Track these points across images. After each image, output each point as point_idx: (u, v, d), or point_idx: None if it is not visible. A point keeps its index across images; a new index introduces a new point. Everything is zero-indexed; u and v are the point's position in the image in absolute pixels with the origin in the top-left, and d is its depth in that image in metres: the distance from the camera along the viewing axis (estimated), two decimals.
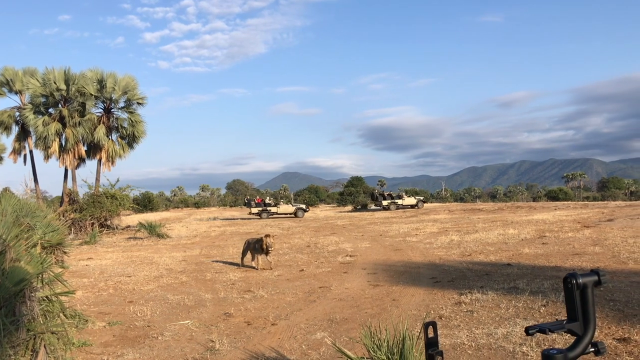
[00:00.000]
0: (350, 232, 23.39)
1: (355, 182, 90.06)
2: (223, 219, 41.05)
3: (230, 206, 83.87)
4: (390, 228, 24.38)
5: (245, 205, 47.46)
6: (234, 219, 41.81)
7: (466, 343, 5.99)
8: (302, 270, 12.34)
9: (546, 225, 21.12)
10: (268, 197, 48.35)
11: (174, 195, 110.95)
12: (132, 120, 31.03)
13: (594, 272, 1.35)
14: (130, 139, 31.47)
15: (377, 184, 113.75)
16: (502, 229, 20.02)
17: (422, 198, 50.89)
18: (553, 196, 67.26)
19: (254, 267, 12.96)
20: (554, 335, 6.00)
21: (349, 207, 53.07)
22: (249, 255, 13.41)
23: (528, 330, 1.35)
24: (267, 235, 12.99)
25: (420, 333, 4.79)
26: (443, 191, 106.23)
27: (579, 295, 1.33)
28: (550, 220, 23.40)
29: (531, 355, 5.38)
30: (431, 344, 1.39)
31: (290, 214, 42.55)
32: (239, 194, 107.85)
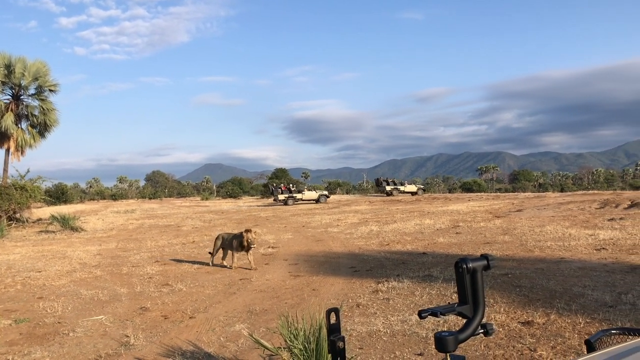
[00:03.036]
0: (273, 223, 23.40)
1: (280, 173, 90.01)
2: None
3: (150, 198, 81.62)
4: (313, 219, 24.61)
5: (270, 193, 48.83)
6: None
7: (382, 330, 6.17)
8: (223, 263, 12.22)
9: (460, 215, 22.05)
10: (292, 185, 49.53)
11: (90, 187, 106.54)
12: (43, 108, 29.39)
13: (484, 257, 1.43)
14: (42, 128, 29.84)
15: (301, 176, 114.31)
16: (419, 219, 20.70)
17: (422, 186, 53.43)
18: (467, 188, 70.23)
19: (225, 267, 11.65)
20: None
21: (273, 199, 52.96)
22: (227, 254, 12.06)
23: (421, 314, 1.41)
24: (247, 230, 11.45)
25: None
26: (364, 183, 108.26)
27: (469, 279, 1.40)
28: (464, 211, 24.43)
29: None
30: (333, 330, 1.43)
31: (314, 200, 44.43)
32: (158, 185, 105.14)
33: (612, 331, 2.05)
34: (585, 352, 1.84)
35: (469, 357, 5.06)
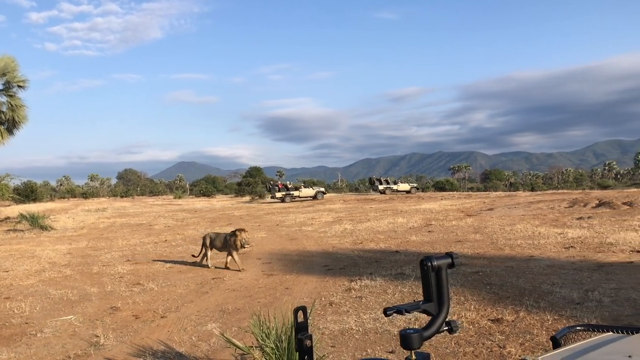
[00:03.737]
0: (247, 222, 23.30)
1: (254, 172, 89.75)
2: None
3: (122, 196, 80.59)
4: (287, 218, 24.58)
5: (268, 190, 49.31)
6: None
7: (354, 328, 6.20)
8: (196, 262, 12.12)
9: (433, 214, 22.27)
10: (289, 182, 50.64)
11: (60, 185, 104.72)
12: (11, 105, 28.67)
13: (448, 254, 1.44)
14: (10, 125, 29.09)
15: (276, 175, 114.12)
16: (392, 218, 20.84)
17: (415, 185, 54.02)
18: (440, 187, 70.94)
19: (206, 266, 11.37)
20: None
21: (247, 198, 52.77)
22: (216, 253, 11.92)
23: (386, 312, 1.42)
24: (241, 230, 11.03)
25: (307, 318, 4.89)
26: (339, 182, 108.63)
27: (434, 277, 1.41)
28: (436, 210, 24.68)
29: None
30: (301, 329, 1.44)
31: (311, 196, 45.13)
32: (130, 183, 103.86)
33: (577, 328, 2.10)
34: (552, 348, 1.88)
35: (440, 354, 5.12)
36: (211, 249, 11.50)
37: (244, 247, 10.92)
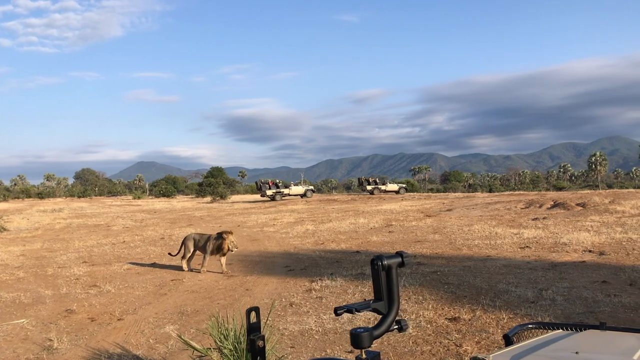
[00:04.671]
0: (208, 223, 23.08)
1: (216, 172, 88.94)
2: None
3: (79, 197, 78.71)
4: (249, 219, 24.45)
5: (258, 189, 49.84)
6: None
7: (314, 328, 6.21)
8: (154, 263, 11.94)
9: (393, 214, 22.50)
10: (278, 180, 50.83)
11: (14, 184, 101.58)
12: None
13: (399, 254, 1.46)
14: None
15: (238, 175, 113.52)
16: (354, 219, 20.97)
17: (404, 185, 54.10)
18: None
19: (184, 269, 10.74)
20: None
21: (209, 198, 52.22)
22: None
23: (336, 311, 1.42)
24: (228, 232, 10.50)
25: (266, 320, 4.88)
26: (302, 182, 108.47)
27: (385, 276, 1.43)
28: (397, 210, 24.95)
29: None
30: (253, 329, 1.43)
31: (300, 194, 46.33)
32: (88, 183, 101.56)
33: (529, 326, 2.15)
34: (504, 346, 1.93)
35: (398, 354, 5.18)
36: (194, 252, 10.88)
37: (232, 251, 10.42)
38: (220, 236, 10.42)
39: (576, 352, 1.66)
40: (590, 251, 10.84)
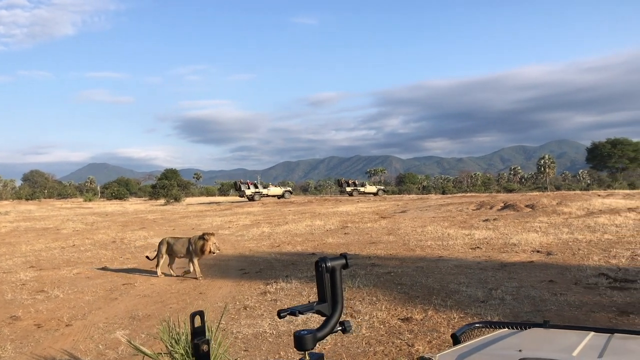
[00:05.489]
0: (161, 226, 22.68)
1: (170, 174, 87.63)
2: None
3: (27, 199, 75.98)
4: (204, 221, 24.17)
5: (236, 189, 50.83)
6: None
7: (268, 331, 6.18)
8: (105, 267, 11.66)
9: (349, 216, 22.65)
10: (257, 182, 51.14)
11: None
12: None
13: (342, 255, 1.47)
14: None
15: (193, 177, 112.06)
16: (310, 221, 21.00)
17: (382, 187, 55.33)
18: None
19: (162, 274, 10.39)
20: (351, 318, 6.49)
21: (162, 201, 51.35)
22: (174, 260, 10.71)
23: (280, 314, 1.42)
24: (210, 234, 10.14)
25: (219, 323, 4.83)
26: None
27: (329, 277, 1.44)
28: (353, 212, 25.13)
29: (327, 339, 5.72)
30: (198, 334, 1.42)
31: (278, 195, 47.39)
32: (37, 186, 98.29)
33: (476, 325, 2.20)
34: (452, 345, 1.97)
35: (352, 354, 5.21)
36: (169, 256, 10.48)
37: (214, 253, 10.09)
38: (202, 238, 10.05)
39: (519, 350, 1.71)
40: (538, 251, 11.17)
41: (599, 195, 24.97)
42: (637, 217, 16.09)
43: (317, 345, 1.38)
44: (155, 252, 10.68)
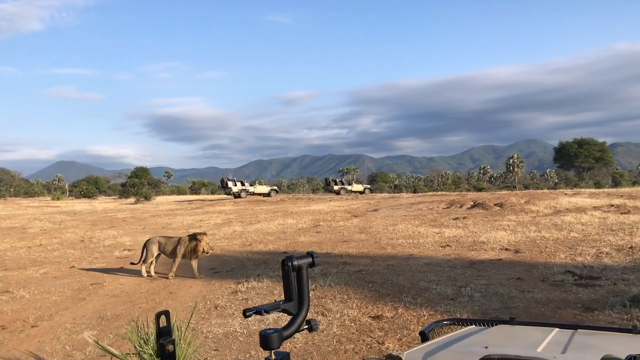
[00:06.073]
0: (131, 225, 22.37)
1: (140, 172, 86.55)
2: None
3: None
4: (174, 220, 23.92)
5: (222, 187, 50.71)
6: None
7: (239, 330, 6.16)
8: (73, 266, 11.45)
9: (321, 215, 22.69)
10: (243, 180, 52.00)
11: None
12: None
13: (309, 254, 1.48)
14: None
15: (164, 175, 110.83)
16: (282, 219, 20.97)
17: (369, 186, 56.02)
18: (329, 189, 72.37)
19: (147, 275, 10.11)
20: (321, 317, 6.51)
21: (132, 199, 50.61)
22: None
23: (245, 313, 1.42)
24: (203, 234, 9.98)
25: (188, 323, 4.80)
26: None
27: (295, 276, 1.44)
28: (325, 211, 25.18)
29: (297, 338, 5.73)
30: (163, 334, 1.41)
31: (264, 193, 47.75)
32: (2, 184, 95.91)
33: (444, 322, 2.24)
34: (420, 342, 1.99)
35: (322, 353, 5.23)
36: (158, 256, 10.25)
37: (207, 253, 9.90)
38: (194, 238, 9.82)
39: (485, 347, 1.74)
40: (506, 249, 11.37)
41: (566, 194, 25.51)
42: (603, 215, 16.49)
43: (283, 344, 1.38)
44: (141, 256, 10.33)
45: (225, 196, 49.01)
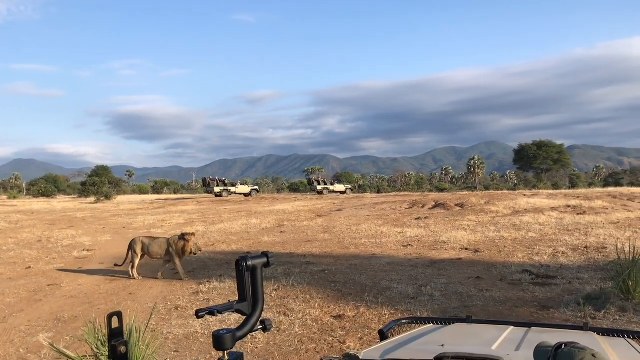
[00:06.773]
0: (91, 225, 21.91)
1: (101, 171, 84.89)
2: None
3: None
4: (135, 220, 23.53)
5: (204, 186, 51.44)
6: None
7: (199, 331, 6.11)
8: (30, 267, 11.15)
9: (286, 215, 22.67)
10: (225, 179, 51.57)
11: None
12: None
13: (264, 254, 1.47)
14: None
15: (125, 174, 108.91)
16: (246, 219, 20.86)
17: (350, 186, 56.01)
18: (295, 188, 72.43)
19: (133, 277, 9.73)
20: (279, 316, 6.50)
21: (92, 199, 49.55)
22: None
23: (198, 313, 1.41)
24: (191, 234, 9.75)
25: (147, 324, 4.74)
26: (194, 182, 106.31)
27: (249, 276, 1.44)
28: (289, 210, 25.16)
29: (259, 338, 5.71)
30: (115, 335, 1.39)
31: (246, 193, 47.96)
32: None
33: (403, 321, 2.27)
34: (379, 341, 2.02)
35: (283, 353, 5.23)
36: (142, 257, 9.99)
37: (195, 254, 9.72)
38: (182, 238, 9.63)
39: (442, 345, 1.77)
40: (466, 249, 11.58)
41: (525, 195, 26.14)
42: (560, 216, 16.95)
43: (236, 344, 1.38)
44: (126, 257, 10.04)
45: (190, 195, 49.23)
